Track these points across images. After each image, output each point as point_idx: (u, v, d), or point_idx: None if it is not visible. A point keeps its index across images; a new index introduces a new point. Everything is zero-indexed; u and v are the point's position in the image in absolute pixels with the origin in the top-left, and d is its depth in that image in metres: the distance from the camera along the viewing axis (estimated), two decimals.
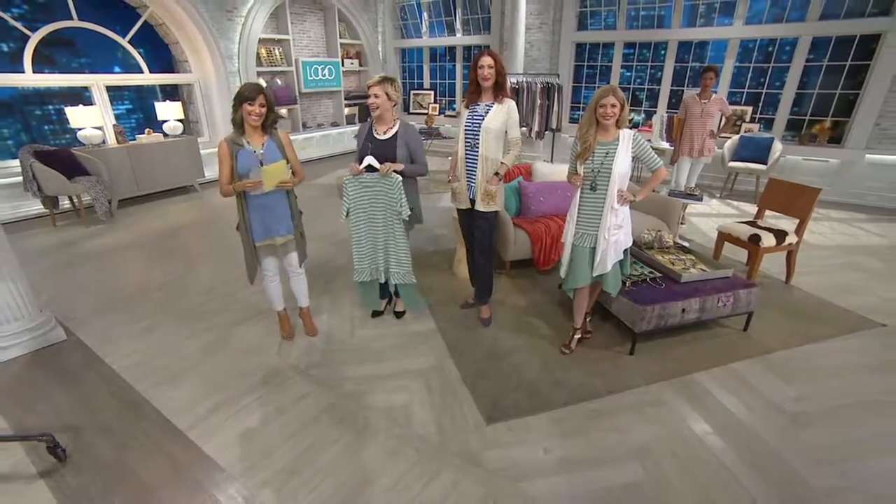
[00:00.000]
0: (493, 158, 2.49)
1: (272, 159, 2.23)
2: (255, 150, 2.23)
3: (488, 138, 2.45)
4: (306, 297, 2.77)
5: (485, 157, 2.48)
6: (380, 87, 2.39)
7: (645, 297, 2.55)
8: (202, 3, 6.05)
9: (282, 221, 2.41)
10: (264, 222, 2.38)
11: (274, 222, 2.40)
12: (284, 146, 2.32)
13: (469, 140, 2.52)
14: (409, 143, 2.50)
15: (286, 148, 2.33)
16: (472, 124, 2.49)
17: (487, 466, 1.84)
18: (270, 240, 2.44)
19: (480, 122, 2.45)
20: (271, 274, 2.59)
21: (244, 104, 2.13)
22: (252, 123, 2.19)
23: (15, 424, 2.11)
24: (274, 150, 2.28)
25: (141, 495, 1.74)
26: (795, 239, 3.25)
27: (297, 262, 2.60)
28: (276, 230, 2.42)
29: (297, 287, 2.71)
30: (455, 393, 2.28)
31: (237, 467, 1.85)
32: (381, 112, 2.43)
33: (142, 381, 2.39)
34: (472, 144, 2.51)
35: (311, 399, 2.24)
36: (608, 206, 2.26)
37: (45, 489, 1.77)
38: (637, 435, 2.02)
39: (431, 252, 4.03)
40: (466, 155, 2.55)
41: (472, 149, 2.52)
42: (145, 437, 2.03)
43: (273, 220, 2.39)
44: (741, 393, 2.28)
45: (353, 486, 1.76)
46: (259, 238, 2.41)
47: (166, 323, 2.94)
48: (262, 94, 2.16)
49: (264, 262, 2.53)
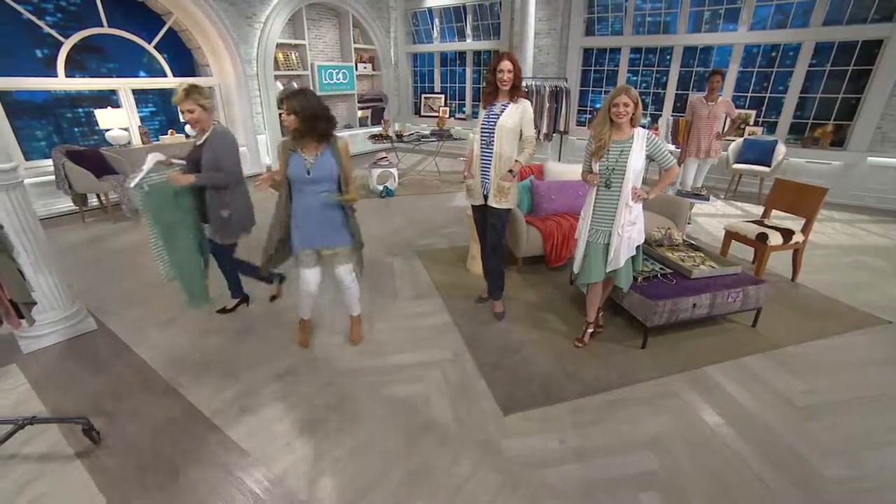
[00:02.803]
0: (508, 156, 2.60)
1: (322, 170, 2.14)
2: (305, 158, 2.15)
3: (503, 136, 2.56)
4: (357, 306, 2.66)
5: (499, 154, 2.58)
6: (189, 102, 2.35)
7: (657, 293, 2.64)
8: (224, 9, 6.23)
9: (330, 233, 2.31)
10: (309, 231, 2.29)
11: (319, 233, 2.30)
12: (342, 156, 2.18)
13: (484, 138, 2.62)
14: (215, 150, 2.42)
15: (343, 158, 2.19)
16: (488, 123, 2.59)
17: (505, 454, 1.93)
18: (314, 251, 2.36)
19: (496, 121, 2.55)
20: (308, 288, 2.47)
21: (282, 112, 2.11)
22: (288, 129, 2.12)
23: (52, 408, 2.22)
24: (328, 160, 2.16)
25: (171, 476, 1.83)
26: (802, 238, 3.33)
27: (347, 276, 2.47)
28: (321, 241, 2.33)
29: (347, 297, 2.60)
30: (472, 384, 2.37)
31: (261, 452, 1.93)
32: (200, 126, 2.45)
33: (168, 369, 2.50)
34: (487, 142, 2.62)
35: (332, 388, 2.33)
36: (622, 203, 2.36)
37: (81, 469, 1.87)
38: (650, 425, 2.10)
39: (445, 249, 4.14)
40: (482, 152, 2.66)
41: (487, 146, 2.62)
42: (173, 422, 2.12)
43: (319, 230, 2.29)
44: (751, 386, 2.36)
45: (373, 472, 1.84)
46: (300, 246, 2.34)
47: (190, 315, 3.05)
48: (286, 100, 2.06)
49: (304, 275, 2.43)
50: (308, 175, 2.14)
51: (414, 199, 5.74)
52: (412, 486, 1.77)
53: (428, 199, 5.79)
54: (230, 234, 2.67)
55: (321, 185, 2.17)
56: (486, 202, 2.74)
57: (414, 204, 5.54)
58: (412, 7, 8.80)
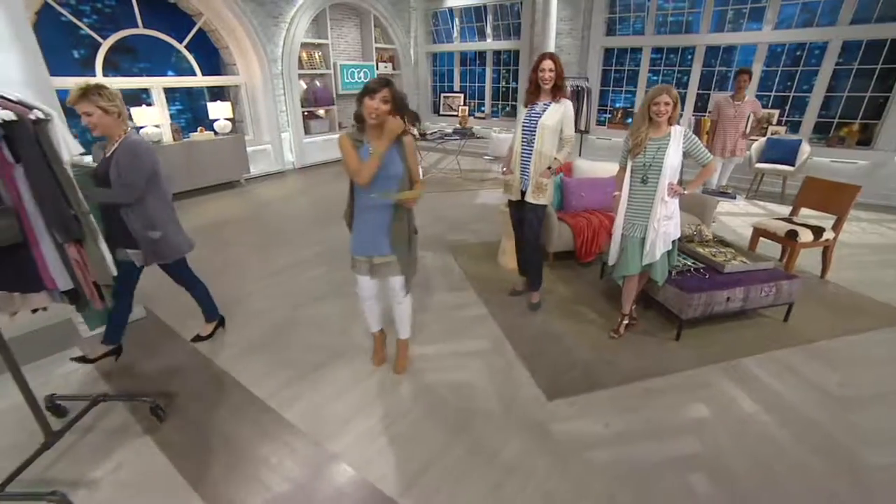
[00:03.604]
0: (547, 154, 2.68)
1: (389, 167, 1.95)
2: (372, 151, 1.92)
3: (544, 135, 2.64)
4: (407, 329, 2.41)
5: (539, 152, 2.67)
6: (86, 103, 1.98)
7: (691, 286, 2.70)
8: (252, 10, 6.38)
9: (383, 240, 2.08)
10: (364, 236, 2.10)
11: (374, 239, 2.08)
12: (408, 155, 2.01)
13: (526, 136, 2.71)
14: (119, 165, 2.08)
15: (409, 157, 2.02)
16: (530, 121, 2.68)
17: (553, 437, 2.01)
18: (367, 258, 2.14)
19: (538, 120, 2.64)
20: (365, 294, 2.29)
21: (365, 97, 1.84)
22: (370, 121, 1.86)
23: (115, 387, 2.35)
24: (394, 157, 1.96)
25: (234, 453, 1.94)
26: (832, 235, 3.36)
27: (399, 288, 2.23)
28: (374, 249, 2.11)
29: (399, 315, 2.36)
30: (514, 372, 2.45)
31: (318, 432, 2.03)
32: (101, 131, 2.09)
33: (217, 355, 2.61)
34: (528, 140, 2.70)
35: (379, 375, 2.42)
36: (658, 198, 2.43)
37: (151, 443, 1.99)
38: (690, 412, 2.17)
39: (475, 244, 4.23)
40: (522, 150, 2.74)
41: (528, 144, 2.70)
42: (231, 403, 2.23)
43: (374, 236, 2.08)
44: (787, 378, 2.41)
45: (428, 453, 1.92)
46: (355, 251, 2.15)
47: (233, 304, 3.17)
48: (387, 87, 1.84)
49: (361, 281, 2.24)
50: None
51: (438, 197, 5.83)
52: (467, 465, 1.86)
53: (452, 197, 5.88)
54: (170, 252, 2.34)
55: (386, 184, 1.97)
56: (524, 198, 2.82)
57: (439, 201, 5.63)
58: (433, 7, 8.90)
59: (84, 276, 1.74)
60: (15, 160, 1.49)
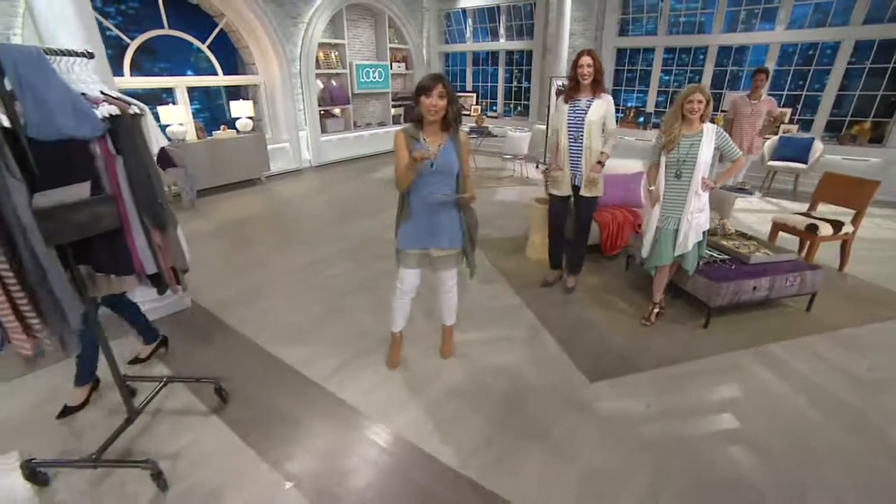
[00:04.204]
0: (596, 148, 2.80)
1: (445, 163, 1.97)
2: (429, 148, 1.96)
3: (592, 130, 2.76)
4: (453, 315, 2.47)
5: (589, 147, 2.79)
6: None
7: (719, 276, 2.81)
8: (272, 10, 6.51)
9: (445, 233, 2.10)
10: (421, 229, 2.11)
11: (431, 233, 2.10)
12: (463, 152, 2.02)
13: (572, 133, 2.83)
14: None
15: (464, 154, 2.03)
16: (576, 118, 2.80)
17: (599, 415, 2.13)
18: (424, 250, 2.16)
19: (584, 116, 2.76)
20: (407, 289, 2.28)
21: (422, 97, 1.87)
22: (430, 118, 1.90)
23: (175, 371, 2.47)
24: (450, 154, 1.97)
25: (297, 428, 2.06)
26: (851, 229, 3.48)
27: (450, 281, 2.30)
28: (432, 241, 2.13)
29: (446, 304, 2.41)
30: (554, 356, 2.57)
31: (375, 412, 2.14)
32: None
33: (267, 342, 2.71)
34: (575, 137, 2.82)
35: (427, 360, 2.54)
36: (692, 192, 2.55)
37: (218, 421, 2.11)
38: (725, 393, 2.29)
39: (501, 238, 4.35)
40: (570, 146, 2.86)
41: (576, 140, 2.83)
42: (286, 386, 2.35)
43: (432, 229, 2.09)
44: (814, 363, 2.52)
45: (483, 429, 2.04)
46: (408, 245, 2.15)
47: (273, 295, 3.29)
48: (440, 82, 1.85)
49: (406, 275, 2.23)
50: (431, 167, 1.97)
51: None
52: (523, 440, 1.98)
53: None
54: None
55: (442, 180, 2.00)
56: (577, 192, 2.96)
57: None
58: (446, 8, 9.02)
59: (165, 261, 1.86)
60: (115, 151, 1.61)
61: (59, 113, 1.38)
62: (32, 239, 1.30)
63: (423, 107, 1.89)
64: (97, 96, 1.59)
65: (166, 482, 1.75)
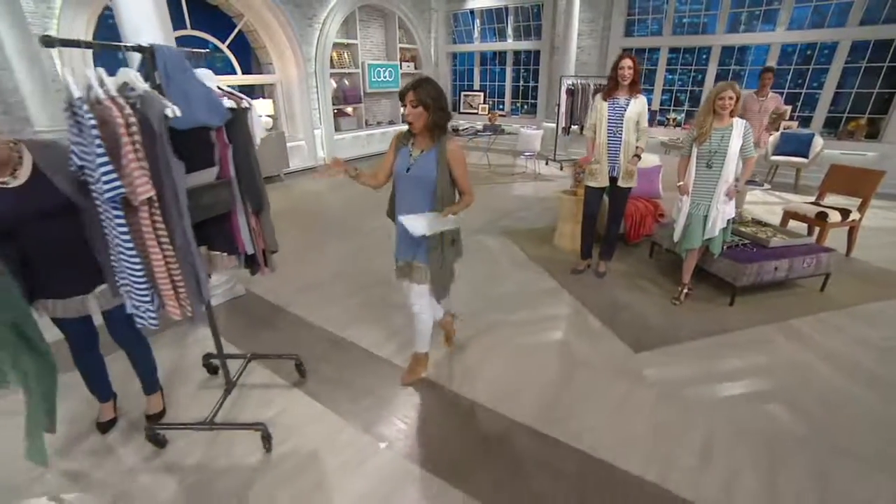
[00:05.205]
0: (632, 143, 3.04)
1: (420, 171, 1.87)
2: (411, 153, 1.90)
3: (629, 127, 3.00)
4: (421, 342, 2.30)
5: (626, 142, 3.02)
6: None
7: (743, 258, 3.05)
8: (290, 11, 6.65)
9: (412, 243, 1.97)
10: (398, 237, 2.05)
11: (405, 242, 2.00)
12: (451, 161, 1.87)
13: (611, 128, 3.05)
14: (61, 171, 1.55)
15: (455, 166, 1.88)
16: (615, 115, 3.02)
17: (649, 379, 2.35)
18: (405, 262, 2.07)
19: (622, 113, 2.99)
20: (407, 300, 2.18)
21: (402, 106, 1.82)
22: (410, 126, 1.85)
23: (245, 352, 2.63)
24: (428, 162, 1.85)
25: (376, 398, 2.24)
26: (858, 216, 3.75)
27: (417, 300, 2.12)
28: (405, 251, 2.05)
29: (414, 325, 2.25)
30: (598, 331, 2.79)
31: (448, 382, 2.34)
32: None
33: (327, 324, 2.88)
34: (613, 132, 3.05)
35: (482, 337, 2.74)
36: (722, 181, 2.79)
37: (301, 393, 2.29)
38: (756, 360, 2.52)
39: (526, 229, 4.58)
40: (609, 141, 3.08)
41: (614, 135, 3.05)
42: (357, 362, 2.52)
43: (405, 238, 1.97)
44: (833, 334, 2.76)
45: (548, 393, 2.27)
46: (397, 253, 2.10)
47: (321, 283, 3.45)
48: (412, 89, 1.77)
49: (405, 287, 2.16)
50: (406, 172, 1.89)
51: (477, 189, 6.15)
52: (585, 400, 2.20)
53: (489, 189, 6.20)
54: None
55: (418, 186, 1.90)
56: (613, 183, 3.18)
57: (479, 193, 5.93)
58: (454, 9, 9.22)
59: (259, 243, 2.03)
60: (228, 141, 1.78)
61: (196, 104, 1.55)
62: (185, 216, 1.47)
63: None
64: (217, 91, 1.76)
65: (272, 444, 1.93)
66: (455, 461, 1.87)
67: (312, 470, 1.84)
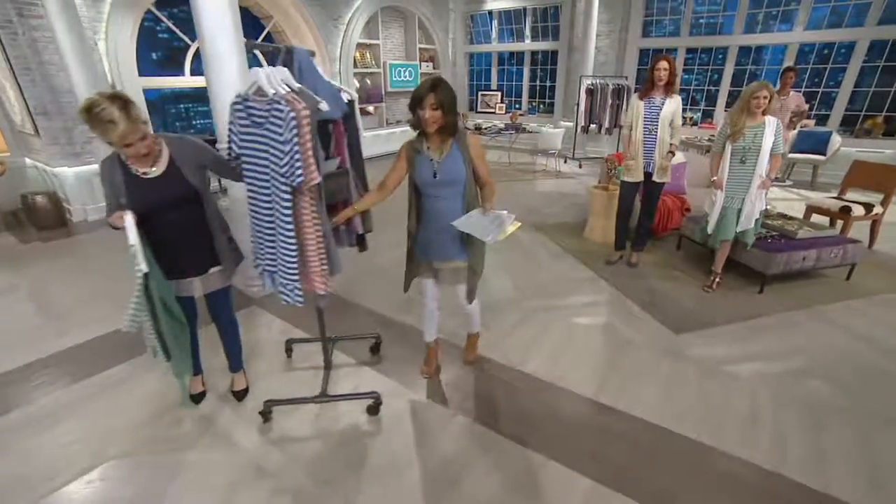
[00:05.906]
0: (666, 140, 3.21)
1: (450, 172, 1.82)
2: (431, 157, 1.83)
3: (665, 125, 3.18)
4: (477, 326, 2.44)
5: (661, 139, 3.20)
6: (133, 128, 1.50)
7: (773, 248, 3.22)
8: (316, 13, 6.86)
9: (449, 244, 1.95)
10: (432, 239, 1.99)
11: (437, 243, 1.98)
12: (473, 156, 1.86)
13: (647, 126, 3.23)
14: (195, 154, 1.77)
15: (476, 158, 1.87)
16: (652, 113, 3.20)
17: (692, 359, 2.52)
18: (440, 263, 2.05)
19: (659, 112, 3.16)
20: (429, 299, 2.23)
21: (417, 109, 1.71)
22: (429, 130, 1.75)
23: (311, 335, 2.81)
24: (456, 162, 1.82)
25: (454, 377, 2.45)
26: (881, 210, 3.90)
27: (464, 296, 2.13)
28: (437, 253, 2.01)
29: (468, 318, 2.39)
30: (638, 315, 2.97)
31: (510, 359, 2.53)
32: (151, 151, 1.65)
33: (385, 310, 3.05)
34: (650, 130, 3.23)
35: (530, 320, 2.93)
36: (756, 176, 2.95)
37: (372, 371, 2.47)
38: (792, 342, 2.69)
39: (556, 224, 4.75)
40: (645, 138, 3.26)
41: (650, 133, 3.23)
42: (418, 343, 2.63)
43: (437, 240, 1.96)
44: (862, 319, 2.92)
45: (599, 368, 2.46)
46: (418, 255, 2.08)
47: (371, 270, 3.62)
48: (432, 92, 1.66)
49: (425, 285, 2.18)
50: (434, 178, 1.83)
51: (502, 186, 6.33)
52: (635, 376, 2.38)
53: (513, 186, 6.37)
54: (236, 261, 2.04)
55: (449, 190, 1.86)
56: (648, 178, 3.36)
57: (505, 190, 6.11)
58: (471, 10, 9.40)
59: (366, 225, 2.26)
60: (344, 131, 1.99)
61: (323, 98, 1.73)
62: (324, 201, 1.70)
63: (421, 120, 1.72)
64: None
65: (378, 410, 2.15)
66: (522, 424, 2.06)
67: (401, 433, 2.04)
